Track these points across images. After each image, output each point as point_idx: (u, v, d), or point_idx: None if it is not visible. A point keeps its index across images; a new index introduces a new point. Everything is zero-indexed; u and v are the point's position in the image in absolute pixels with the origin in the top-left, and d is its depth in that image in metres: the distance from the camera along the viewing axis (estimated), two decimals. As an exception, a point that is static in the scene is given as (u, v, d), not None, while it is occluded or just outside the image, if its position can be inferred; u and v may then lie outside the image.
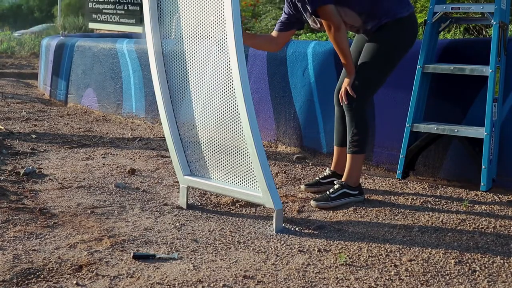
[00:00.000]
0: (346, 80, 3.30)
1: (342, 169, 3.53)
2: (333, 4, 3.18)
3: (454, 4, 4.57)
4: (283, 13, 3.48)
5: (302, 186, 3.61)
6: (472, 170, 3.55)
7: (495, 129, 3.43)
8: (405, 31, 3.35)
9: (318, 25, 3.35)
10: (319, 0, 3.16)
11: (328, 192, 3.33)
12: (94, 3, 16.03)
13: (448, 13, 3.71)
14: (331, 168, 3.64)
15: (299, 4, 3.31)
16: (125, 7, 15.27)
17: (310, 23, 3.40)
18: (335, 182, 3.42)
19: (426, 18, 3.70)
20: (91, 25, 16.35)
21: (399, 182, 3.75)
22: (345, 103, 3.30)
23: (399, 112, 3.88)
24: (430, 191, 3.55)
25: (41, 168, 4.01)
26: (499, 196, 3.42)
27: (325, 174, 3.63)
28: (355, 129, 3.32)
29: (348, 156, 3.38)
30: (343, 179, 3.38)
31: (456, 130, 3.50)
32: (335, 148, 3.62)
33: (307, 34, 8.68)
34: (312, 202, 3.31)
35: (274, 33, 3.52)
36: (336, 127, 3.60)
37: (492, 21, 3.43)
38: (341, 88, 3.33)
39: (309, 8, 3.21)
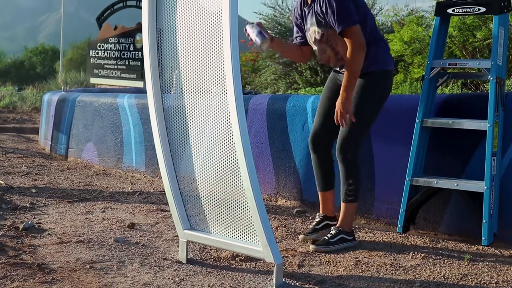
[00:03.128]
0: (339, 103, 3.30)
1: (330, 211, 3.66)
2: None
3: (451, 59, 4.64)
4: (295, 28, 3.61)
5: (301, 236, 3.61)
6: (473, 224, 3.54)
7: (495, 183, 3.43)
8: (388, 83, 3.53)
9: (318, 47, 3.47)
10: (348, 20, 3.25)
11: (326, 237, 3.41)
12: (96, 59, 16.26)
13: (445, 68, 3.76)
14: (321, 213, 3.70)
15: (321, 20, 3.37)
16: (126, 62, 15.47)
17: (311, 41, 3.50)
18: (332, 228, 3.49)
19: (424, 73, 3.74)
20: (93, 80, 16.54)
21: (400, 236, 3.73)
22: (346, 128, 3.35)
23: (398, 166, 3.89)
24: (431, 245, 3.53)
25: (40, 223, 3.99)
26: (501, 250, 3.40)
27: (317, 220, 3.69)
28: (350, 179, 3.43)
29: (343, 204, 3.48)
30: (338, 225, 3.47)
31: (456, 184, 3.50)
32: (320, 193, 3.70)
33: (307, 89, 8.78)
34: (312, 247, 3.33)
35: (298, 47, 3.64)
36: (316, 173, 3.66)
37: (489, 76, 3.47)
38: (335, 112, 3.33)
39: (336, 29, 3.30)
